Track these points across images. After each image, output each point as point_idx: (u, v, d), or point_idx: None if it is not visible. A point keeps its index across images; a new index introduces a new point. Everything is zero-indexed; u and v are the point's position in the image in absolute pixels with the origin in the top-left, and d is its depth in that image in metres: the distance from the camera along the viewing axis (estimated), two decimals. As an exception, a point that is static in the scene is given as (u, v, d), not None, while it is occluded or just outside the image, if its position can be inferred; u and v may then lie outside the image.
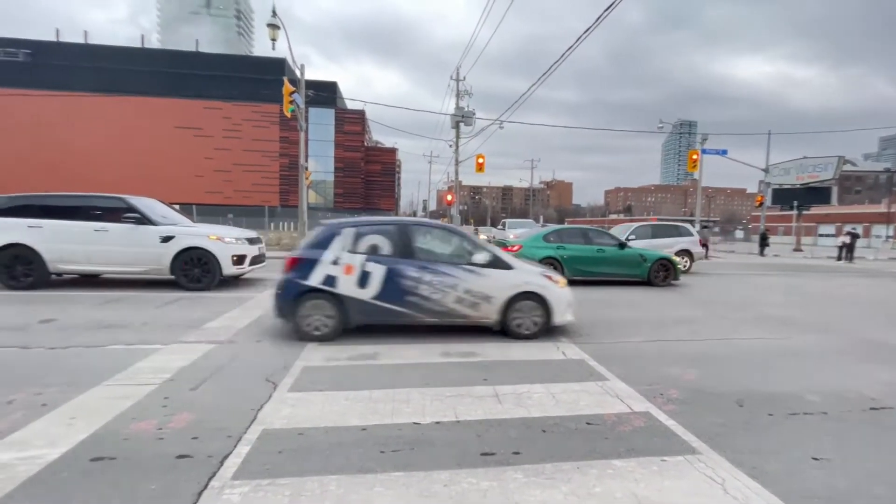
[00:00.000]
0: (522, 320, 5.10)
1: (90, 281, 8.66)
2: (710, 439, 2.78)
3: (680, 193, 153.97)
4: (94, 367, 3.81)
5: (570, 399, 3.37)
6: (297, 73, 17.91)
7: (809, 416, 3.20)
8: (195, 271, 7.94)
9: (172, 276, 7.92)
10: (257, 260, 9.03)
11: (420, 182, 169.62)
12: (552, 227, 10.79)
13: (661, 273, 10.29)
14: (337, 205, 53.06)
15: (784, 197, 37.05)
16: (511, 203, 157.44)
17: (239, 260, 8.30)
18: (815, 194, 36.90)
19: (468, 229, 41.99)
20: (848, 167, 55.39)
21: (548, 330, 5.19)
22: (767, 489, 2.25)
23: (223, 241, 8.19)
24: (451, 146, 27.67)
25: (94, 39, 55.98)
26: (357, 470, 2.34)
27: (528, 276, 5.20)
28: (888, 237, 41.99)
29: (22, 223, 7.65)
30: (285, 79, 16.03)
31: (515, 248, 9.87)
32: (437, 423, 2.92)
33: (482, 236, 28.64)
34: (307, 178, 18.11)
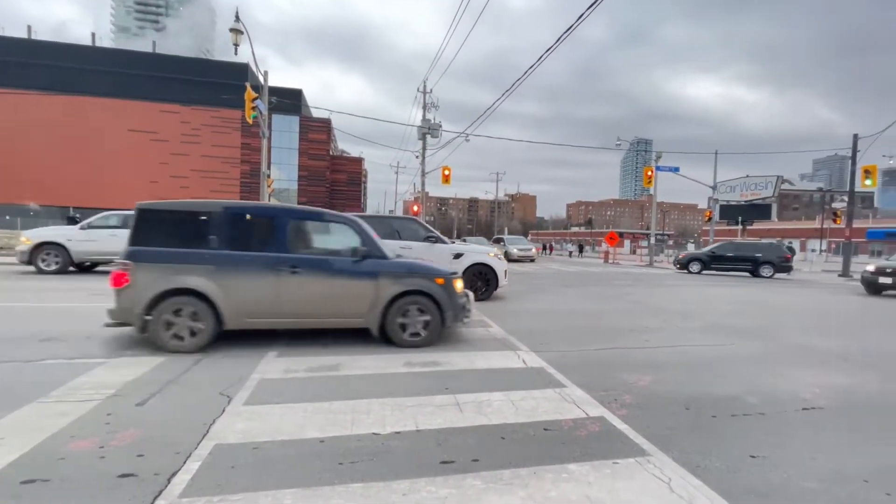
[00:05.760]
0: None
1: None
2: (659, 441, 2.91)
3: (637, 208, 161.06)
4: (28, 383, 3.54)
5: (529, 406, 3.44)
6: (261, 78, 17.58)
7: (748, 417, 3.41)
8: (479, 284, 8.71)
9: None
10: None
11: (386, 192, 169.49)
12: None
13: None
14: (300, 214, 51.78)
15: (730, 212, 39.47)
16: (477, 215, 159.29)
17: (505, 275, 9.26)
18: (757, 210, 39.57)
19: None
20: (786, 186, 59.90)
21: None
22: (710, 486, 2.38)
23: (498, 257, 9.29)
24: (417, 157, 27.81)
25: (41, 36, 52.68)
26: (314, 482, 2.29)
27: None
28: (821, 251, 45.54)
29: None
30: (248, 84, 15.69)
31: None
32: (398, 432, 2.90)
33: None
34: (269, 186, 17.67)
